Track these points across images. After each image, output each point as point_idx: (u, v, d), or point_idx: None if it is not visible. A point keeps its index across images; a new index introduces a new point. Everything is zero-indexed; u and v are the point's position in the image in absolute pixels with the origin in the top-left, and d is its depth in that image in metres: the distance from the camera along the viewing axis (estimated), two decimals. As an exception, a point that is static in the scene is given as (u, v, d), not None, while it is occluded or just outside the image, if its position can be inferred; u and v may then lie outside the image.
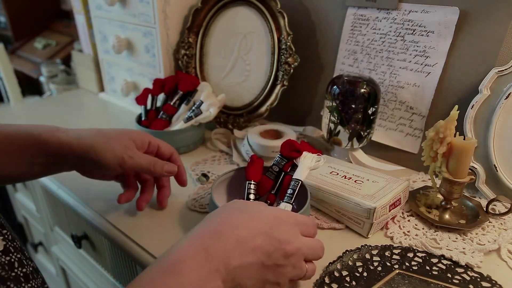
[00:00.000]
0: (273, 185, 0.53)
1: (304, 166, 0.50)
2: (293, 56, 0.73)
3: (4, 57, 1.33)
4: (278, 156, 0.53)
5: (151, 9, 0.77)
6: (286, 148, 0.53)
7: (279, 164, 0.53)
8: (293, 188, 0.49)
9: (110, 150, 0.48)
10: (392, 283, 0.44)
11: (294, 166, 0.52)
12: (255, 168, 0.53)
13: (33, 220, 1.01)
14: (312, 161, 0.51)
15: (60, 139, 0.48)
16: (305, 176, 0.50)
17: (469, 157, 0.52)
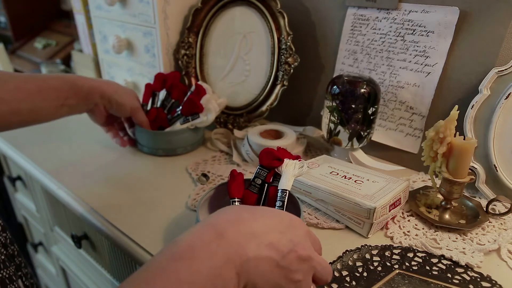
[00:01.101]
0: (258, 198, 0.50)
1: (288, 175, 0.47)
2: (293, 56, 0.73)
3: (4, 57, 1.33)
4: (259, 167, 0.50)
5: (151, 9, 0.77)
6: (266, 158, 0.49)
7: (261, 175, 0.50)
8: (282, 200, 0.46)
9: (128, 96, 0.69)
10: (392, 283, 0.44)
11: (276, 175, 0.49)
12: (236, 184, 0.49)
13: (33, 220, 1.01)
14: (295, 168, 0.48)
15: (92, 83, 0.64)
16: (291, 185, 0.47)
17: (469, 157, 0.52)
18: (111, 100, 0.66)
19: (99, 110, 0.67)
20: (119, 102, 0.67)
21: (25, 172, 0.83)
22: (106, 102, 0.66)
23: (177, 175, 0.67)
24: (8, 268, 0.38)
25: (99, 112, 0.67)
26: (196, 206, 0.48)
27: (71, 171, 0.68)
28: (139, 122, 0.71)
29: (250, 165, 0.70)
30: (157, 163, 0.71)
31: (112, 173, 0.67)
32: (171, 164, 0.71)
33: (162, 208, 0.58)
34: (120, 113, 0.69)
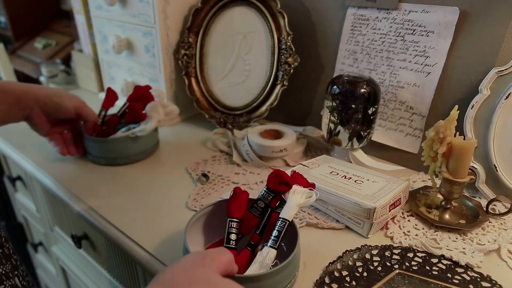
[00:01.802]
0: (258, 223, 0.46)
1: (293, 204, 0.44)
2: (293, 56, 0.73)
3: (4, 57, 1.33)
4: (264, 190, 0.47)
5: (151, 9, 0.77)
6: (273, 181, 0.46)
7: (265, 199, 0.46)
8: (279, 230, 0.43)
9: (69, 99, 0.65)
10: (392, 283, 0.44)
11: (282, 201, 0.46)
12: (238, 203, 0.46)
13: (33, 220, 1.01)
14: (302, 197, 0.45)
15: (25, 88, 0.62)
16: (293, 215, 0.44)
17: (469, 157, 0.52)
18: (47, 102, 0.63)
19: (36, 115, 0.63)
20: (58, 103, 0.64)
21: (25, 172, 0.83)
22: (43, 105, 0.63)
23: (177, 175, 0.67)
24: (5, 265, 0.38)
25: (37, 117, 0.64)
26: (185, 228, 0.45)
27: (71, 171, 0.68)
28: (86, 116, 0.68)
29: (250, 165, 0.70)
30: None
31: (112, 173, 0.67)
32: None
33: (162, 208, 0.58)
34: (62, 114, 0.65)
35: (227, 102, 0.83)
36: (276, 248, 0.43)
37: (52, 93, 0.64)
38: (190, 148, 0.77)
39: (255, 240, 0.46)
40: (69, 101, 0.65)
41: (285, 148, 0.69)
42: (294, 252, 0.41)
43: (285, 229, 0.43)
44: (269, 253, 0.42)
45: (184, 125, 0.89)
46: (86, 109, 0.68)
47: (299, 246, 0.43)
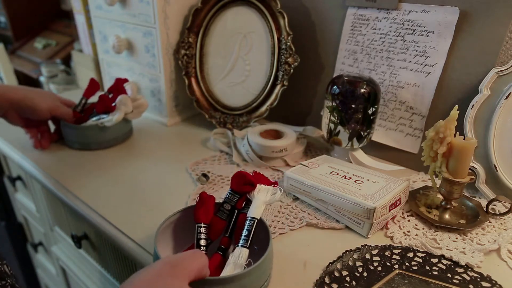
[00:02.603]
0: (227, 226, 0.47)
1: (259, 202, 0.44)
2: (293, 56, 0.73)
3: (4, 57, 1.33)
4: (229, 192, 0.47)
5: (151, 9, 0.77)
6: (237, 182, 0.46)
7: (231, 201, 0.47)
8: (249, 229, 0.43)
9: (43, 100, 0.68)
10: (392, 283, 0.44)
11: (248, 201, 0.46)
12: (205, 208, 0.46)
13: (33, 220, 1.01)
14: (268, 195, 0.45)
15: None
16: (261, 213, 0.44)
17: (469, 157, 0.52)
18: (21, 105, 0.66)
19: (11, 116, 0.67)
20: (31, 107, 0.67)
21: (25, 172, 0.83)
22: (17, 108, 0.66)
23: (177, 175, 0.67)
24: None
25: (12, 118, 0.68)
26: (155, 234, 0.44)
27: (71, 170, 0.68)
28: (61, 116, 0.72)
29: (250, 165, 0.70)
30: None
31: (113, 173, 0.67)
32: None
33: (162, 207, 0.58)
34: (37, 116, 0.69)
35: (227, 102, 0.83)
36: (247, 247, 0.42)
37: (26, 96, 0.66)
38: (190, 148, 0.77)
39: (225, 244, 0.46)
40: (43, 103, 0.68)
41: (285, 148, 0.69)
42: (268, 249, 0.41)
43: (254, 227, 0.43)
44: (241, 253, 0.42)
45: (184, 125, 0.89)
46: (60, 109, 0.71)
47: (271, 243, 0.43)
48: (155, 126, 0.87)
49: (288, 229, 0.53)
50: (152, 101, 0.89)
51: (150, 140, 0.80)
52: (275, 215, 0.56)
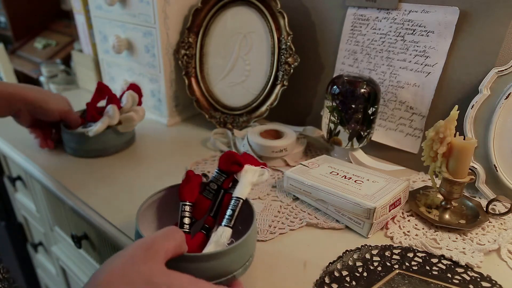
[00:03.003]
0: (212, 205, 0.46)
1: (246, 182, 0.44)
2: (293, 56, 0.73)
3: (4, 57, 1.33)
4: (216, 171, 0.46)
5: (151, 9, 0.77)
6: (225, 161, 0.45)
7: (218, 180, 0.46)
8: (233, 209, 0.42)
9: (55, 103, 0.69)
10: (392, 283, 0.44)
11: (235, 182, 0.46)
12: (190, 187, 0.45)
13: (33, 220, 1.01)
14: (255, 175, 0.44)
15: (13, 90, 0.64)
16: (247, 194, 0.43)
17: (469, 157, 0.52)
18: (35, 106, 0.67)
19: (23, 115, 0.68)
20: (45, 108, 0.67)
21: (25, 172, 0.83)
22: (31, 108, 0.67)
23: (177, 175, 0.67)
24: None
25: (23, 117, 0.68)
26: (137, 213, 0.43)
27: (71, 170, 0.68)
28: (70, 123, 0.72)
29: (250, 165, 0.70)
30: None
31: (113, 172, 0.67)
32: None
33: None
34: (47, 118, 0.69)
35: (227, 102, 0.83)
36: (231, 226, 0.42)
37: (40, 98, 0.67)
38: (190, 148, 0.77)
39: (209, 223, 0.45)
40: (55, 106, 0.69)
41: (285, 148, 0.69)
42: (251, 228, 0.41)
43: (239, 207, 0.43)
44: (224, 232, 0.41)
45: (184, 125, 0.89)
46: (71, 115, 0.71)
47: (255, 223, 0.42)
48: (155, 126, 0.87)
49: (288, 229, 0.53)
50: (152, 101, 0.90)
51: (150, 140, 0.80)
52: (275, 215, 0.56)
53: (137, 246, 0.33)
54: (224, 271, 0.39)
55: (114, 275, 0.31)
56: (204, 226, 0.45)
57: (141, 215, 0.44)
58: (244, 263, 0.41)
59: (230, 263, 0.39)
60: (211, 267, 0.38)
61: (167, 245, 0.34)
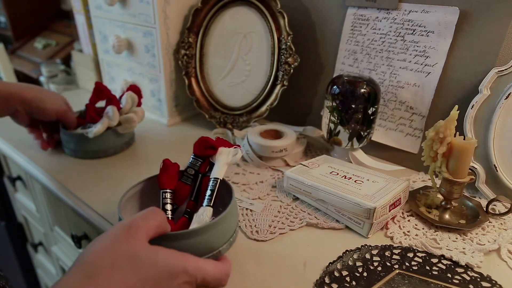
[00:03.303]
0: (191, 190, 0.48)
1: (221, 163, 0.46)
2: (293, 56, 0.73)
3: (4, 57, 1.33)
4: (192, 157, 0.48)
5: (151, 9, 0.77)
6: (199, 147, 0.48)
7: (194, 165, 0.48)
8: (212, 189, 0.44)
9: (52, 102, 0.68)
10: (392, 283, 0.44)
11: (211, 165, 0.47)
12: (168, 174, 0.47)
13: (33, 220, 1.01)
14: (229, 156, 0.47)
15: (10, 89, 0.64)
16: (223, 174, 0.46)
17: (469, 157, 0.52)
18: (32, 105, 0.66)
19: (20, 115, 0.67)
20: (41, 108, 0.67)
21: (25, 172, 0.83)
22: (28, 107, 0.66)
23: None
24: None
25: (21, 116, 0.67)
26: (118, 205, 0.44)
27: (71, 170, 0.68)
28: (66, 123, 0.71)
29: (250, 165, 0.70)
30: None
31: (113, 173, 0.67)
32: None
33: (162, 208, 0.58)
34: (44, 117, 0.69)
35: (227, 102, 0.83)
36: (211, 205, 0.44)
37: (37, 97, 0.67)
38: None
39: (191, 207, 0.47)
40: (51, 105, 0.68)
41: (285, 148, 0.69)
42: (231, 203, 0.42)
43: (217, 187, 0.45)
44: (205, 211, 0.43)
45: (184, 125, 0.89)
46: (68, 114, 0.71)
47: (234, 199, 0.44)
48: (155, 126, 0.87)
49: (288, 229, 0.53)
50: (152, 101, 0.90)
51: (150, 140, 0.80)
52: (275, 215, 0.56)
53: (119, 227, 0.34)
54: (209, 247, 0.40)
55: (98, 255, 0.32)
56: (186, 211, 0.47)
57: (123, 206, 0.45)
58: (228, 238, 0.42)
59: (213, 239, 0.40)
60: (195, 244, 0.38)
61: (148, 223, 0.35)
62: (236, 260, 0.47)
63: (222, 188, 0.46)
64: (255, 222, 0.54)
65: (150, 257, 0.33)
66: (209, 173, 0.47)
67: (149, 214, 0.36)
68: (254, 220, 0.54)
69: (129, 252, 0.32)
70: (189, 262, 0.35)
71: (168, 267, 0.33)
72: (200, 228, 0.39)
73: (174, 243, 0.37)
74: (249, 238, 0.51)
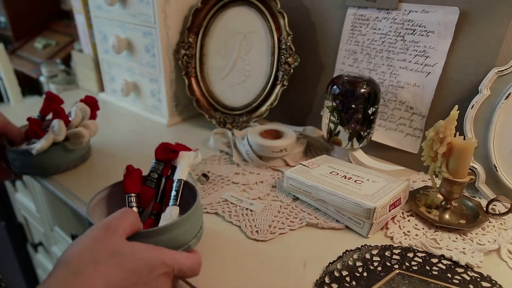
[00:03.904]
0: (156, 193, 0.50)
1: (183, 165, 0.49)
2: (293, 56, 0.73)
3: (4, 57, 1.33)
4: (154, 162, 0.50)
5: (151, 9, 0.77)
6: (161, 152, 0.50)
7: (157, 169, 0.50)
8: (177, 189, 0.47)
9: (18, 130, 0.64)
10: (392, 283, 0.44)
11: (173, 169, 0.50)
12: (132, 180, 0.49)
13: (33, 220, 1.01)
14: (190, 158, 0.50)
15: None
16: (186, 175, 0.49)
17: (469, 157, 0.52)
18: None
19: None
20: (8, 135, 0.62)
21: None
22: None
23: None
24: None
25: None
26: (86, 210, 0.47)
27: (71, 170, 0.68)
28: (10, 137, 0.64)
29: (250, 165, 0.70)
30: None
31: (113, 173, 0.67)
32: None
33: (162, 208, 0.58)
34: None
35: (227, 102, 0.83)
36: (177, 204, 0.46)
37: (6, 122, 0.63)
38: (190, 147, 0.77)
39: (156, 209, 0.49)
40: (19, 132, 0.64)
41: (285, 148, 0.69)
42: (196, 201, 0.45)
43: (181, 187, 0.47)
44: (172, 210, 0.45)
45: (184, 125, 0.89)
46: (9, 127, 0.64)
47: (199, 197, 0.47)
48: (155, 126, 0.87)
49: (288, 229, 0.53)
50: (152, 101, 0.90)
51: (150, 140, 0.80)
52: (275, 215, 0.56)
53: (96, 228, 0.36)
54: (179, 242, 0.43)
55: (81, 253, 0.33)
56: (152, 213, 0.49)
57: (91, 211, 0.48)
58: (196, 234, 0.46)
59: (183, 234, 0.44)
60: (166, 240, 0.41)
61: (123, 222, 0.37)
62: (236, 260, 0.47)
63: (185, 190, 0.49)
64: (255, 222, 0.54)
65: (130, 252, 0.35)
66: (172, 176, 0.49)
67: (123, 213, 0.38)
68: (254, 220, 0.54)
69: (110, 248, 0.34)
70: (166, 255, 0.37)
71: (147, 260, 0.35)
72: (171, 224, 0.42)
73: (148, 240, 0.40)
74: (249, 238, 0.51)
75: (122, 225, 0.37)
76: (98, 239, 0.35)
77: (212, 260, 0.47)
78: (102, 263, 0.33)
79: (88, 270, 0.32)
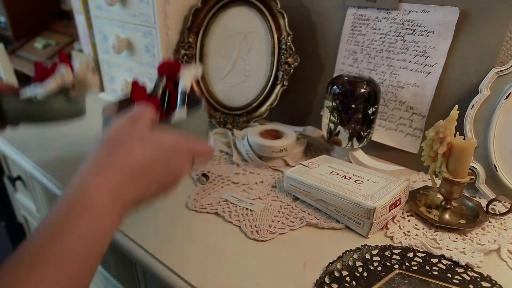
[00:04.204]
0: (162, 103, 0.54)
1: (187, 76, 0.53)
2: (293, 56, 0.73)
3: (4, 57, 1.33)
4: (157, 78, 0.54)
5: (151, 9, 0.77)
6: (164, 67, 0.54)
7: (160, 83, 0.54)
8: (183, 97, 0.52)
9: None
10: (392, 283, 0.44)
11: (175, 84, 0.54)
12: (138, 90, 0.53)
13: (33, 220, 1.01)
14: (191, 71, 0.54)
15: None
16: (189, 85, 0.53)
17: (469, 157, 0.52)
18: None
19: None
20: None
21: (25, 172, 0.83)
22: None
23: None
24: None
25: None
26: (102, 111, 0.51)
27: (71, 171, 0.68)
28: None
29: (250, 165, 0.70)
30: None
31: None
32: None
33: (162, 208, 0.58)
34: None
35: (227, 102, 0.83)
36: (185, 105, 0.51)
37: None
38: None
39: (164, 116, 0.53)
40: None
41: (285, 148, 0.69)
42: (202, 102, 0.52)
43: (187, 93, 0.52)
44: (181, 111, 0.50)
45: (184, 125, 0.89)
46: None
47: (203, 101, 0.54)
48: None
49: (288, 229, 0.53)
50: (152, 101, 0.89)
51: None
52: (275, 215, 0.56)
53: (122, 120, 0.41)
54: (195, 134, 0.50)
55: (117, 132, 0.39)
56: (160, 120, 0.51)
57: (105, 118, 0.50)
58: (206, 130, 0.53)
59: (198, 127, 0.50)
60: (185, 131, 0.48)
61: (146, 115, 0.41)
62: (236, 260, 0.47)
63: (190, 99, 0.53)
64: (255, 222, 0.54)
65: (158, 135, 0.40)
66: (176, 88, 0.54)
67: (143, 107, 0.42)
68: (254, 220, 0.54)
69: (141, 131, 0.39)
70: (188, 139, 0.42)
71: (174, 142, 0.41)
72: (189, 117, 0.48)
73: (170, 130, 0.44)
74: (249, 238, 0.51)
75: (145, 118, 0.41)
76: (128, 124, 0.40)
77: (212, 260, 0.47)
78: (137, 140, 0.38)
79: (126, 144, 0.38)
